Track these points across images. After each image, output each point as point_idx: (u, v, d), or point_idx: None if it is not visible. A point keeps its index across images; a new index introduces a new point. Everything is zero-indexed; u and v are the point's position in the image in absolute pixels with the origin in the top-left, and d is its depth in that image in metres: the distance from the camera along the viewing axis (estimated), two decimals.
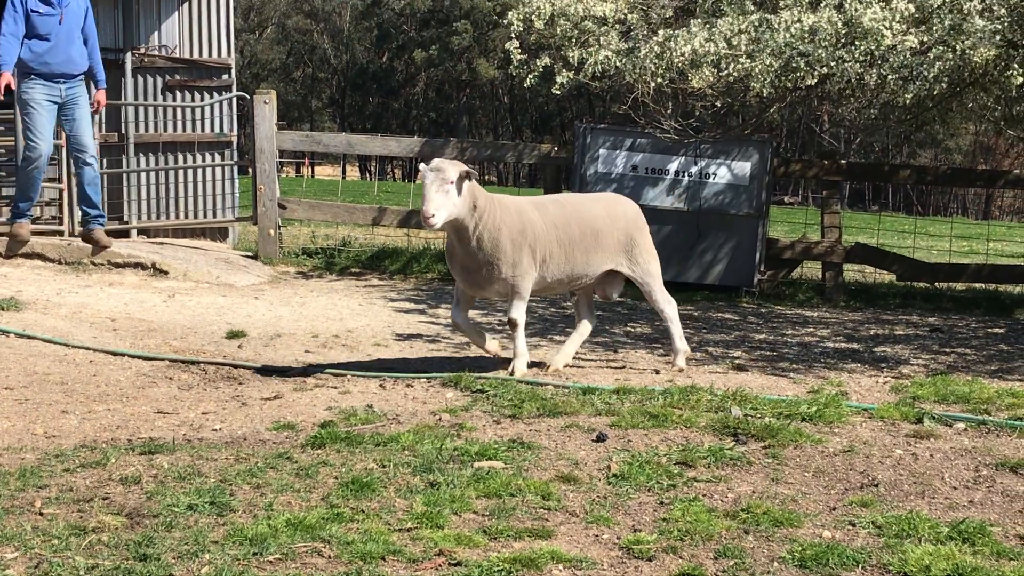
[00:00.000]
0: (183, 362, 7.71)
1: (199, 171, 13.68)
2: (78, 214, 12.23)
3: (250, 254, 12.72)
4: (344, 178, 56.69)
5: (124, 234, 12.80)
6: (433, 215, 6.94)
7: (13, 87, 10.39)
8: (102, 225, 11.02)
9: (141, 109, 13.45)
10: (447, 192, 6.97)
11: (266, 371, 7.52)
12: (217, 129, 13.71)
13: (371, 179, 58.21)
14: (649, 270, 8.03)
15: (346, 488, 4.82)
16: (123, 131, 13.19)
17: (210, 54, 13.80)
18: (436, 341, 8.85)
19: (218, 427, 6.12)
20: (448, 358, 8.22)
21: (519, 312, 7.51)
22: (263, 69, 65.80)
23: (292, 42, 69.52)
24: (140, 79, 13.45)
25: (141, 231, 13.20)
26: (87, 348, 7.90)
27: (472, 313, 9.89)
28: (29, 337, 8.03)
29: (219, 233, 13.72)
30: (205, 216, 13.67)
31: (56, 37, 10.51)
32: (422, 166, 7.17)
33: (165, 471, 4.97)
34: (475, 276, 7.46)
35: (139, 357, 7.78)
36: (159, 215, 13.58)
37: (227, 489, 4.74)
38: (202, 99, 13.67)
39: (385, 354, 8.30)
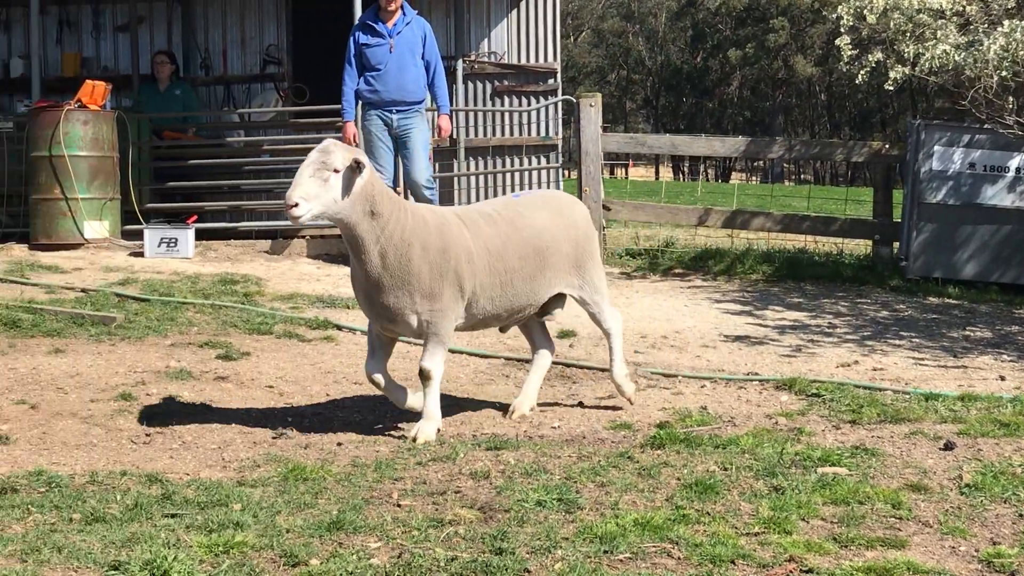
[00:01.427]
0: (518, 360, 7.88)
1: (525, 174, 13.99)
2: None
3: None
4: (657, 178, 56.81)
5: None
6: (296, 204, 5.45)
7: (355, 139, 10.59)
8: None
9: (471, 114, 13.87)
10: (325, 180, 5.51)
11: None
12: (543, 132, 13.97)
13: (683, 179, 58.04)
14: (598, 287, 6.67)
15: (689, 489, 4.81)
16: (455, 135, 13.61)
17: (537, 59, 14.08)
18: (763, 343, 8.73)
19: (556, 425, 6.23)
20: (777, 361, 8.10)
21: (435, 361, 5.96)
22: (579, 73, 66.61)
23: (607, 45, 70.11)
24: (471, 85, 13.88)
25: None
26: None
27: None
28: None
29: None
30: None
31: (386, 66, 10.47)
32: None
33: (512, 467, 5.10)
34: (380, 307, 5.91)
35: (476, 355, 8.01)
36: None
37: (572, 487, 4.81)
38: (529, 103, 13.96)
39: (713, 356, 8.25)
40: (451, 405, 6.68)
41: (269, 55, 14.51)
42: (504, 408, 6.59)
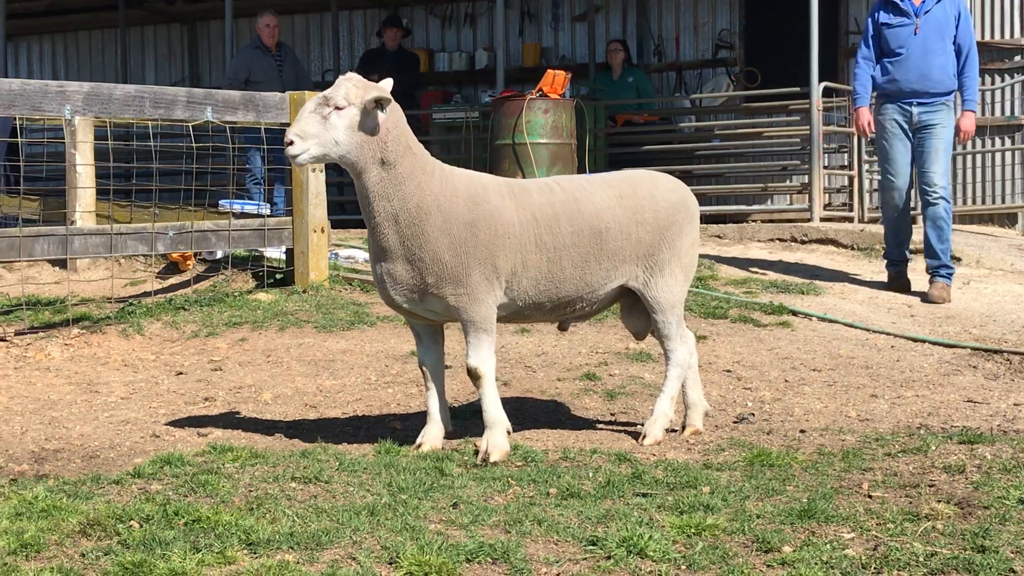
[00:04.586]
0: (986, 351, 7.52)
1: (987, 156, 13.32)
2: (868, 201, 12.40)
3: None
4: None
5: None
6: (292, 142, 4.93)
7: (870, 126, 9.28)
8: (944, 279, 9.11)
9: None
10: (326, 118, 4.93)
11: None
12: (1007, 112, 13.25)
13: None
14: (672, 293, 5.52)
15: None
16: None
17: (1000, 35, 13.36)
18: None
19: None
20: None
21: (482, 356, 5.22)
22: None
23: None
24: None
25: None
26: (887, 333, 7.96)
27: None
28: (831, 321, 8.24)
29: (1007, 219, 13.26)
30: (993, 202, 13.28)
31: (908, 50, 9.06)
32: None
33: (988, 462, 4.86)
34: (389, 280, 5.16)
35: (940, 344, 7.71)
36: None
37: None
38: (992, 82, 13.28)
39: None
40: (915, 396, 6.48)
41: (721, 40, 14.56)
42: (974, 402, 6.33)
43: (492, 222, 5.12)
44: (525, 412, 6.12)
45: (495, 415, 5.22)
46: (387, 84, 5.19)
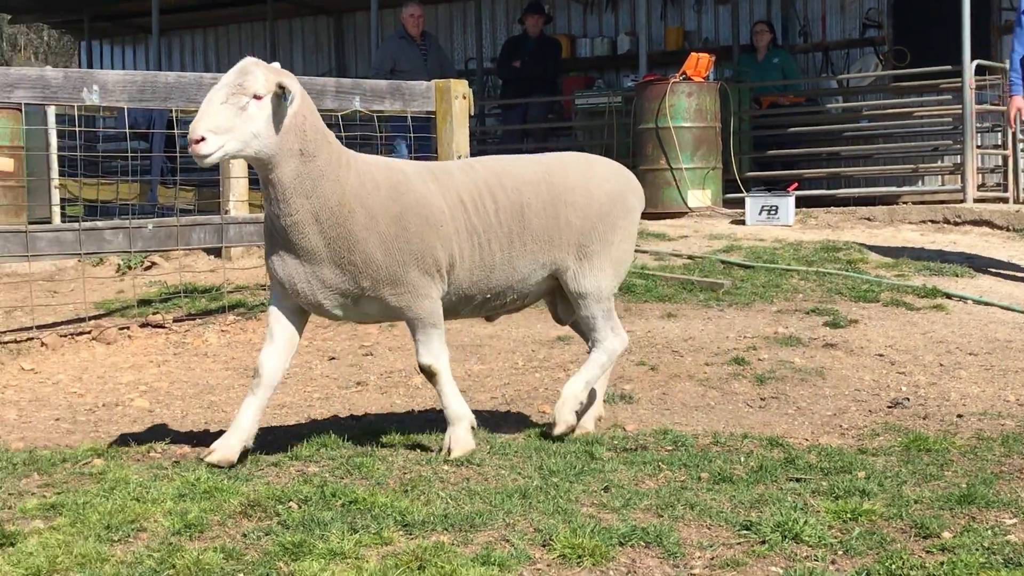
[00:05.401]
0: None
1: None
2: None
3: None
4: None
5: None
6: (203, 139, 4.32)
7: (1021, 116, 9.03)
8: None
9: None
10: (242, 109, 4.38)
11: None
12: None
13: None
14: (599, 287, 5.13)
15: None
16: None
17: None
18: None
19: None
20: None
21: (434, 352, 4.83)
22: None
23: None
24: None
25: None
26: None
27: None
28: (986, 304, 8.05)
29: None
30: None
31: None
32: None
33: None
34: (319, 285, 4.68)
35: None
36: None
37: None
38: None
39: None
40: None
41: (869, 19, 14.28)
42: None
43: (421, 211, 4.74)
44: (673, 397, 6.10)
45: (458, 410, 4.91)
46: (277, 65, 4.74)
